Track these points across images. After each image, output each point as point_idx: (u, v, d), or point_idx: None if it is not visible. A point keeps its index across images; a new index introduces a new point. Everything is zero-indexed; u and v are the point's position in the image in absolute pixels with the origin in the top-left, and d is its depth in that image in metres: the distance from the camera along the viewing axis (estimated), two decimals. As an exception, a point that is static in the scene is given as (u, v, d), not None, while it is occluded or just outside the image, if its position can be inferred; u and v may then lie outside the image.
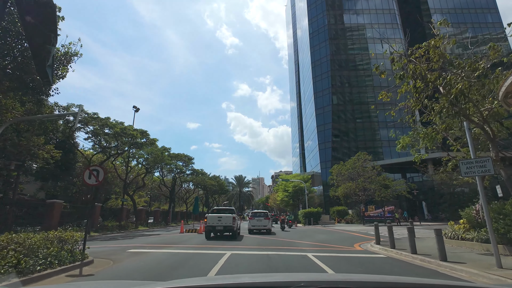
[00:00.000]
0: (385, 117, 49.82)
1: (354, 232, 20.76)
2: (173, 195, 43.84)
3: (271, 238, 15.85)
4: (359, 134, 49.57)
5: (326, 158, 48.98)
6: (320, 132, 51.25)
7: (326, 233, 20.00)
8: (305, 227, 30.06)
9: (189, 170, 37.52)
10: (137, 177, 31.11)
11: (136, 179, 31.64)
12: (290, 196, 45.49)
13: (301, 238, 16.19)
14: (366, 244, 12.84)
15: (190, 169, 37.18)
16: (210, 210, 21.83)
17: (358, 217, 37.09)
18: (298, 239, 15.14)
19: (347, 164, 37.64)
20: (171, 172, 36.30)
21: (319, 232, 21.14)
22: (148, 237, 17.48)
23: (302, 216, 36.07)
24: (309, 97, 58.92)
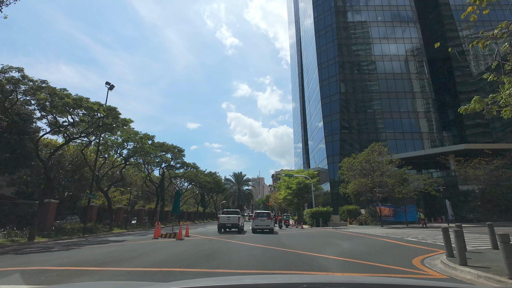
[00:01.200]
0: (399, 106, 45.04)
1: (382, 237, 15.92)
2: (162, 192, 38.99)
3: (273, 242, 11.04)
4: (370, 125, 44.67)
5: (333, 152, 44.10)
6: (327, 123, 46.39)
7: (346, 239, 15.16)
8: (314, 230, 25.24)
9: (179, 163, 32.66)
10: (112, 169, 26.24)
11: (113, 171, 26.80)
12: (293, 194, 40.62)
13: (318, 247, 11.38)
14: (430, 260, 8.02)
15: (179, 162, 32.34)
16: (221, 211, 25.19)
17: (373, 217, 32.24)
18: (314, 250, 10.31)
19: (359, 156, 32.76)
20: (159, 166, 31.43)
21: (336, 237, 16.30)
22: (103, 246, 12.62)
23: (309, 217, 31.23)
24: (314, 86, 54.07)
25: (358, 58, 48.15)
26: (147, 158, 27.16)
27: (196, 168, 35.64)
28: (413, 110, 44.99)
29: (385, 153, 31.69)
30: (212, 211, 77.44)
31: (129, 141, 22.36)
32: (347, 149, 43.22)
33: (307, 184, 39.55)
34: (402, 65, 47.41)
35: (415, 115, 44.66)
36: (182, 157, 33.18)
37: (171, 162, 32.83)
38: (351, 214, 35.00)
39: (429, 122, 44.41)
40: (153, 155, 27.96)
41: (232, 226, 19.53)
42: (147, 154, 25.96)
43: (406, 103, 45.35)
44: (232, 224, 19.38)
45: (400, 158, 31.36)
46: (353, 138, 44.05)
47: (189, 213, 52.90)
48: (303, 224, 30.49)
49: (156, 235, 14.98)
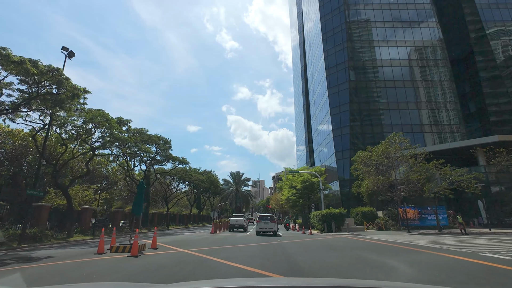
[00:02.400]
0: (416, 96, 40.15)
1: (437, 251, 10.91)
2: (146, 190, 33.91)
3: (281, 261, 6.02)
4: (384, 116, 39.69)
5: (343, 147, 39.09)
6: (335, 115, 41.44)
7: (389, 255, 10.18)
8: (327, 236, 20.20)
9: (163, 157, 27.59)
10: (75, 160, 21.23)
11: (78, 165, 21.78)
12: (298, 194, 35.57)
13: (354, 270, 6.38)
14: None
15: (164, 155, 27.29)
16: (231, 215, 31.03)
17: (393, 221, 27.18)
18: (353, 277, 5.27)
19: (376, 149, 27.73)
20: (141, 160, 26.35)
21: (369, 251, 11.29)
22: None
23: (318, 220, 26.15)
24: (319, 75, 49.19)
25: (370, 43, 43.28)
26: (124, 149, 22.15)
27: (185, 162, 30.66)
28: (432, 100, 40.07)
29: (408, 145, 26.66)
30: (208, 214, 72.22)
31: (93, 122, 17.36)
32: (359, 143, 38.22)
33: (314, 182, 34.53)
34: (418, 51, 42.57)
35: (435, 106, 39.72)
36: (168, 150, 28.17)
37: (157, 156, 27.83)
38: (366, 217, 29.92)
39: (450, 113, 39.46)
40: (132, 146, 22.93)
41: (239, 227, 26.33)
42: (122, 143, 20.97)
43: (424, 93, 40.44)
44: (239, 225, 26.26)
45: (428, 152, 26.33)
46: (365, 131, 39.06)
47: (182, 215, 47.81)
48: (312, 228, 25.45)
49: (100, 249, 9.89)
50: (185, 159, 30.69)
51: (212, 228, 23.51)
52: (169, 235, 21.84)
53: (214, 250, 10.94)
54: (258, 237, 18.76)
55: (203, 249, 11.35)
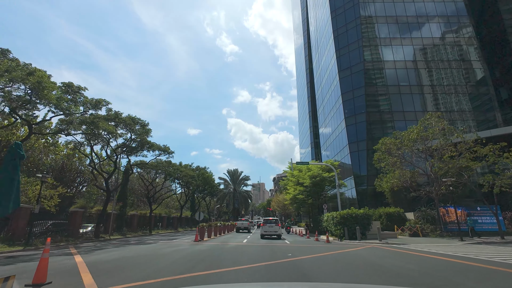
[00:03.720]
0: (442, 78, 34.46)
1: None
2: (123, 189, 28.08)
3: None
4: (405, 101, 33.93)
5: (357, 137, 33.29)
6: (347, 101, 35.72)
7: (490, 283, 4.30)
8: (353, 246, 14.36)
9: (136, 143, 21.64)
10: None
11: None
12: (306, 192, 29.70)
13: None
14: None
15: (137, 140, 21.36)
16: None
17: (432, 224, 21.26)
18: None
19: (408, 133, 21.91)
20: (99, 142, 20.39)
21: (452, 275, 5.40)
22: None
23: (335, 223, 20.21)
24: (328, 58, 43.52)
25: (388, 18, 37.60)
26: (75, 127, 16.34)
27: (168, 151, 24.78)
28: (463, 83, 34.32)
29: (450, 127, 20.86)
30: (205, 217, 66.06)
31: (10, 77, 11.57)
32: (377, 133, 32.45)
33: (325, 178, 28.67)
34: (443, 27, 36.91)
35: (466, 90, 33.95)
36: (146, 135, 22.36)
37: (131, 143, 22.02)
38: (393, 219, 24.08)
39: (480, 98, 33.69)
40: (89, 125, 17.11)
41: (244, 228, 30.83)
42: (68, 118, 15.16)
43: (452, 75, 34.70)
44: (244, 227, 30.86)
45: (481, 137, 20.49)
46: (384, 118, 33.25)
47: (171, 218, 41.90)
48: (328, 234, 19.49)
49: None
50: (168, 148, 24.87)
51: (197, 234, 17.66)
52: (127, 245, 15.98)
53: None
54: (258, 248, 12.98)
55: (142, 284, 5.53)
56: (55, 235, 18.01)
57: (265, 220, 21.89)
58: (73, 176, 31.31)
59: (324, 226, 24.68)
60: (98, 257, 9.75)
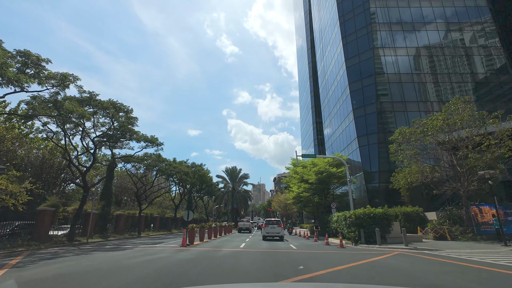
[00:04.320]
0: (463, 66, 31.61)
1: None
2: (107, 185, 25.17)
3: None
4: (421, 90, 31.00)
5: (368, 130, 30.35)
6: (355, 91, 32.83)
7: None
8: (377, 253, 11.45)
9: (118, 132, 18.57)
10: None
11: None
12: (312, 190, 26.75)
13: None
14: None
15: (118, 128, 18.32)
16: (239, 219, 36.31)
17: (460, 225, 18.26)
18: None
19: (431, 121, 18.97)
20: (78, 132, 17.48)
21: None
22: None
23: (348, 225, 17.23)
24: (334, 46, 40.58)
25: (400, 1, 34.68)
26: (37, 109, 13.42)
27: (155, 142, 21.73)
28: (482, 72, 31.39)
29: (483, 114, 17.90)
30: (202, 217, 63.03)
31: None
32: (389, 124, 29.54)
33: (333, 173, 25.75)
34: (460, 12, 33.99)
35: (485, 79, 31.02)
36: (128, 124, 19.42)
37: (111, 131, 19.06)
38: (411, 220, 21.12)
39: (502, 87, 30.77)
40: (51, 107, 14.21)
41: (246, 229, 33.18)
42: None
43: (470, 63, 31.78)
44: (246, 227, 33.16)
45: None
46: (398, 107, 30.31)
47: (166, 219, 38.95)
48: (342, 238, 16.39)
49: None
50: (156, 139, 21.88)
51: (184, 238, 14.71)
52: (96, 251, 13.06)
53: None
54: (258, 257, 10.07)
55: None
56: (15, 239, 15.09)
57: (267, 221, 21.05)
58: (55, 173, 28.45)
59: (333, 227, 21.73)
60: (23, 275, 6.82)
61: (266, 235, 19.85)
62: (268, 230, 19.82)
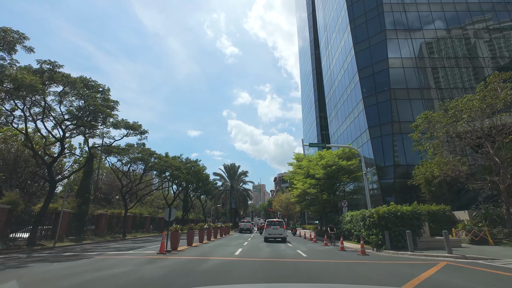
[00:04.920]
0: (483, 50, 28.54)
1: None
2: (86, 180, 22.05)
3: None
4: (443, 74, 27.92)
5: (380, 120, 27.26)
6: (365, 78, 29.77)
7: None
8: (419, 266, 8.34)
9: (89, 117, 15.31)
10: None
11: None
12: (320, 186, 23.62)
13: None
14: None
15: (88, 108, 15.10)
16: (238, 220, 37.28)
17: (503, 227, 15.11)
18: None
19: (466, 100, 15.85)
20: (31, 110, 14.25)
21: None
22: None
23: (368, 226, 14.08)
24: (340, 32, 37.49)
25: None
26: None
27: (138, 130, 18.54)
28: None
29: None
30: (199, 218, 59.77)
31: None
32: (405, 113, 26.45)
33: (343, 167, 22.64)
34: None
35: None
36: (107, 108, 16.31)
37: (80, 112, 15.87)
38: (436, 220, 18.02)
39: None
40: None
41: (247, 229, 34.38)
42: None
43: (501, 43, 28.69)
44: (247, 228, 34.40)
45: None
46: (414, 94, 27.20)
47: (157, 219, 35.84)
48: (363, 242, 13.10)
49: None
50: (138, 125, 18.66)
51: (163, 243, 11.61)
52: (42, 261, 10.02)
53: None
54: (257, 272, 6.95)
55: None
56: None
57: (268, 221, 20.04)
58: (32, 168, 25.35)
59: (345, 229, 18.62)
60: None
61: (268, 236, 18.95)
62: (270, 232, 18.90)
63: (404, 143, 25.38)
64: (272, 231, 18.87)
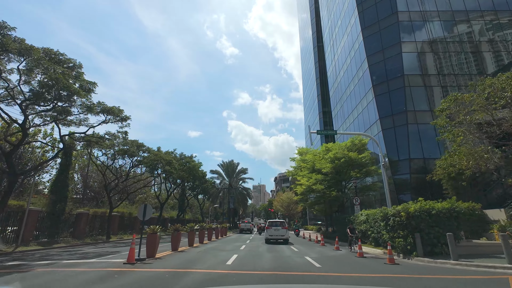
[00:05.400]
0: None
1: None
2: (62, 173, 19.47)
3: None
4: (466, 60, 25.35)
5: (393, 110, 24.67)
6: (375, 64, 27.22)
7: None
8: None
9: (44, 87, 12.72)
10: None
11: None
12: (327, 182, 21.01)
13: None
14: None
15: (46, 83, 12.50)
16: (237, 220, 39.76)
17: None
18: None
19: (506, 78, 13.26)
20: None
21: None
22: None
23: (393, 227, 11.51)
24: (346, 18, 34.91)
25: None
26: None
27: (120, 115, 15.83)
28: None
29: None
30: (197, 218, 57.11)
31: None
32: (421, 101, 23.88)
33: (355, 160, 20.06)
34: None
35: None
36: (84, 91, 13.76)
37: (43, 90, 13.21)
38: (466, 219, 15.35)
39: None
40: None
41: (247, 230, 34.40)
42: None
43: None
44: (247, 228, 34.52)
45: None
46: (431, 80, 24.60)
47: (150, 219, 33.17)
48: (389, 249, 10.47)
49: None
50: (119, 110, 16.02)
51: (132, 249, 9.01)
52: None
53: None
54: None
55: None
56: None
57: (270, 222, 19.45)
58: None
59: (360, 230, 16.01)
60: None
61: (270, 237, 18.31)
62: (271, 233, 18.23)
63: (421, 134, 22.79)
64: (274, 232, 18.12)
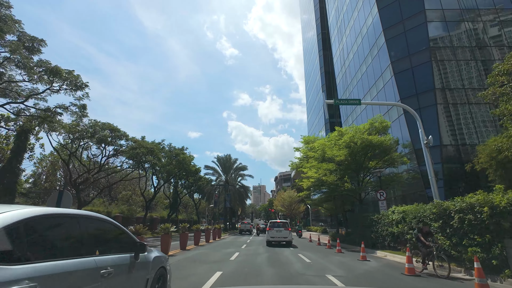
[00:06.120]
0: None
1: None
2: (11, 162, 15.59)
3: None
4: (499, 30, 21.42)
5: (417, 88, 20.74)
6: (393, 39, 23.35)
7: None
8: None
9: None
10: None
11: None
12: (342, 170, 17.06)
13: None
14: None
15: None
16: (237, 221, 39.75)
17: None
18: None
19: None
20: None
21: None
22: None
23: (464, 232, 7.58)
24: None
25: None
26: None
27: (74, 82, 11.91)
28: None
29: None
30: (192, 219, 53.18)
31: None
32: (453, 77, 19.94)
33: (376, 144, 16.14)
34: None
35: None
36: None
37: None
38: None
39: None
40: None
41: (247, 231, 33.19)
42: None
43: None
44: (247, 229, 33.29)
45: None
46: (463, 54, 20.66)
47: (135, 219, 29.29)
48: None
49: None
50: (75, 75, 12.09)
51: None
52: None
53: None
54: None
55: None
56: None
57: (271, 223, 18.51)
58: None
59: (386, 233, 12.07)
60: None
61: (271, 239, 17.37)
62: (273, 234, 17.26)
63: (454, 116, 18.87)
64: (276, 233, 17.04)
